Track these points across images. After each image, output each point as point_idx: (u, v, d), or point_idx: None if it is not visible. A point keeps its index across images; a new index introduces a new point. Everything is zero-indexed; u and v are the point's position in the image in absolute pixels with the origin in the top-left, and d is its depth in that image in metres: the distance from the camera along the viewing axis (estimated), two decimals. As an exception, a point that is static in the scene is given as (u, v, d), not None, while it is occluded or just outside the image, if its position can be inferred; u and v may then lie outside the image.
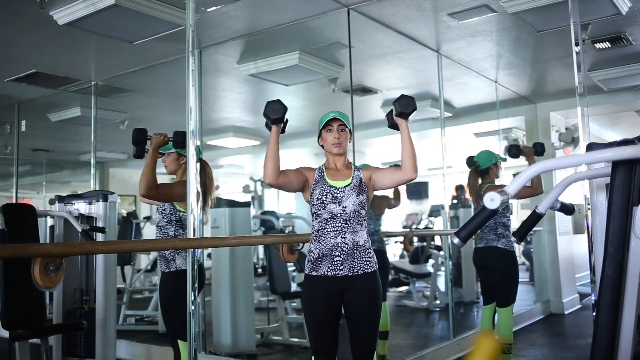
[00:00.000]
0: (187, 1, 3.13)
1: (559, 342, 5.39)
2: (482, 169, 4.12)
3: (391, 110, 2.53)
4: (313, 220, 2.51)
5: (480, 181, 4.15)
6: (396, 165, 2.69)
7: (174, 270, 3.17)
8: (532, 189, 3.98)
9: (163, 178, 3.45)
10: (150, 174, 3.02)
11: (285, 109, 2.40)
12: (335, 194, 2.46)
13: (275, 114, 2.39)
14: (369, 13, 4.10)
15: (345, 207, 2.44)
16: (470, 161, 4.19)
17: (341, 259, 2.42)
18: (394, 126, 2.54)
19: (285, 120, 2.45)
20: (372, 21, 4.21)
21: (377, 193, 2.91)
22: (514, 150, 4.24)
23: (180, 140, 3.21)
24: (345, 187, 2.48)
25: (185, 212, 3.21)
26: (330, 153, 2.57)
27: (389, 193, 5.19)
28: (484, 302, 4.23)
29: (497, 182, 4.16)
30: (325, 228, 2.44)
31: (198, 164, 3.10)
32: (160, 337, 5.51)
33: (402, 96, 2.48)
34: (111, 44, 4.47)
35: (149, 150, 3.15)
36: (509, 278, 4.04)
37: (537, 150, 4.17)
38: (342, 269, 2.42)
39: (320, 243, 2.45)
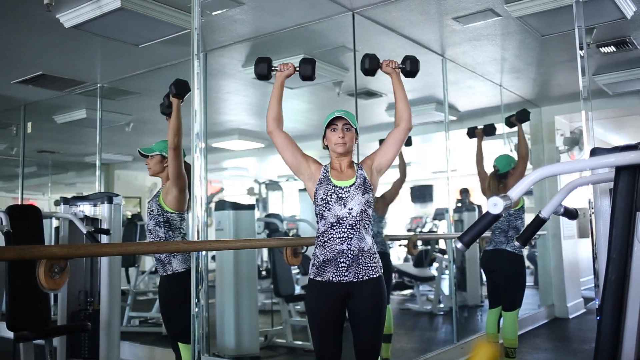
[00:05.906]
0: (193, 5, 3.15)
1: (563, 347, 5.37)
2: (501, 173, 4.17)
3: (371, 59, 2.69)
4: (318, 222, 2.46)
5: (498, 184, 4.18)
6: (382, 140, 2.76)
7: (170, 273, 3.16)
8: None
9: (155, 180, 3.44)
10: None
11: (267, 62, 2.58)
12: (340, 194, 2.40)
13: (261, 71, 2.60)
14: (374, 17, 4.11)
15: (351, 209, 2.38)
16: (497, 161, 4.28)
17: (346, 265, 2.37)
18: (368, 72, 2.66)
19: (272, 69, 2.61)
20: (377, 25, 4.21)
21: (377, 194, 2.90)
22: (469, 133, 4.65)
23: (179, 91, 3.12)
24: (350, 186, 2.42)
25: (173, 213, 3.18)
26: (335, 153, 2.51)
27: (395, 175, 4.87)
28: (490, 305, 4.23)
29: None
30: (331, 233, 2.39)
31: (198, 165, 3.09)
32: (163, 339, 5.50)
33: (409, 57, 2.63)
34: (117, 47, 4.49)
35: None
36: (516, 282, 4.04)
37: (487, 131, 4.53)
38: (347, 275, 2.37)
39: (325, 249, 2.40)
